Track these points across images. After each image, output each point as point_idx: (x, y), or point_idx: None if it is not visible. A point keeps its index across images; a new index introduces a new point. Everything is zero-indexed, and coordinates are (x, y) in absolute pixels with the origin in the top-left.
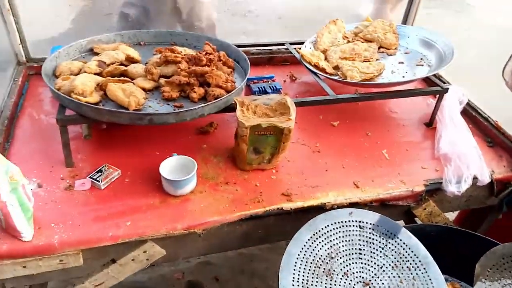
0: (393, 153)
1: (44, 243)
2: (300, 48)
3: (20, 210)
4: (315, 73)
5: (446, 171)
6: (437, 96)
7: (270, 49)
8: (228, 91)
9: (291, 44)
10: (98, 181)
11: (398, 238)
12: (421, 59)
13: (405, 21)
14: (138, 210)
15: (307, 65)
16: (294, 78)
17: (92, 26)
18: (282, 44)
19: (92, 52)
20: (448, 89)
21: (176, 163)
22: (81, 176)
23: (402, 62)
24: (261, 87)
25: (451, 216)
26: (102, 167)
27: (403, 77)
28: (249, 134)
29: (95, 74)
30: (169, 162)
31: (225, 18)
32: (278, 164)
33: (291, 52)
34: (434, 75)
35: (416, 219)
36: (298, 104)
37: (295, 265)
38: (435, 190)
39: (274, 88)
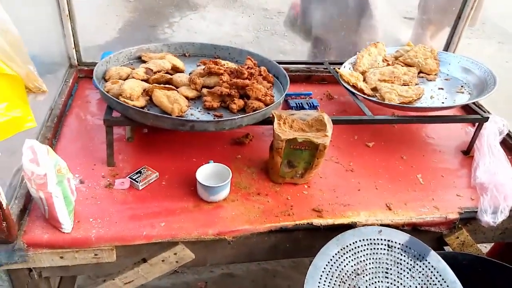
0: (428, 178)
1: (81, 236)
2: (339, 68)
3: (63, 202)
4: (353, 93)
5: (481, 200)
6: (476, 124)
7: (308, 68)
8: (266, 105)
9: (330, 63)
10: (137, 182)
11: (426, 260)
12: (462, 86)
13: (446, 49)
14: (172, 213)
15: (346, 85)
16: (330, 97)
17: (137, 36)
18: (321, 63)
19: (140, 59)
20: (488, 118)
21: (212, 170)
22: (121, 175)
23: (442, 88)
24: (298, 103)
25: (484, 249)
26: (142, 169)
27: (443, 103)
28: (284, 147)
29: (142, 80)
30: (205, 169)
31: (265, 37)
32: (310, 180)
33: (329, 72)
34: (474, 103)
35: (447, 248)
36: (335, 121)
37: (320, 278)
38: (469, 219)
39: (311, 104)
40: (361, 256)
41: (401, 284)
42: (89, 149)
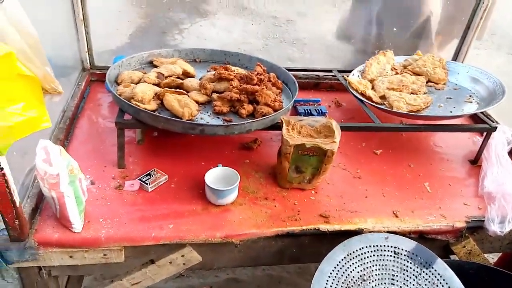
0: (435, 187)
1: (91, 236)
2: (347, 76)
3: (74, 202)
4: (361, 101)
5: (489, 209)
6: (484, 134)
7: (317, 75)
8: (275, 110)
9: (338, 71)
10: (147, 184)
11: (433, 268)
12: (470, 96)
13: (455, 59)
14: (181, 215)
15: (354, 92)
16: (339, 104)
17: (148, 42)
18: (330, 71)
19: (151, 64)
20: (496, 127)
21: (220, 174)
22: (131, 177)
23: (450, 98)
24: (307, 109)
25: (491, 260)
26: (151, 171)
27: (451, 112)
28: (292, 152)
29: (154, 84)
30: (214, 172)
31: (274, 44)
32: (318, 186)
33: (337, 79)
34: (482, 113)
35: (454, 256)
36: (343, 128)
37: (326, 283)
38: (476, 228)
39: (320, 111)
40: (367, 262)
41: None
42: (100, 151)
